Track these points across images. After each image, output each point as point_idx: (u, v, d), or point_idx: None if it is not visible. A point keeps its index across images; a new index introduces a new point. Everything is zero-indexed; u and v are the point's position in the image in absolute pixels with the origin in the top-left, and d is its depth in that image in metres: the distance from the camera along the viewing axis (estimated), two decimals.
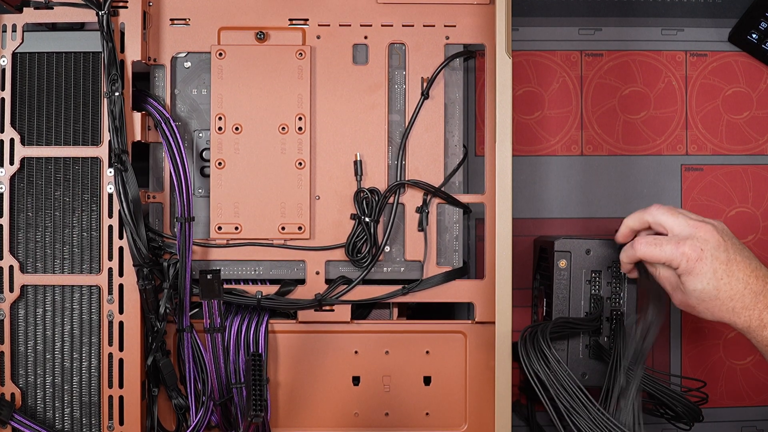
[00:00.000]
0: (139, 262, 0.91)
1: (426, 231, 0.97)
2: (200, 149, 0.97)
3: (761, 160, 1.10)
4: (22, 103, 0.93)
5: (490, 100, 0.96)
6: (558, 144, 1.10)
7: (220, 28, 0.96)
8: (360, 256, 0.96)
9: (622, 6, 1.10)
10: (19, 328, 0.93)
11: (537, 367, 0.88)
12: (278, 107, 0.96)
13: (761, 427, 1.09)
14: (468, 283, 0.97)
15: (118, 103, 0.91)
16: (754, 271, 0.86)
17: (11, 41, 0.93)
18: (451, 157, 0.98)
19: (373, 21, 0.97)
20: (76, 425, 0.93)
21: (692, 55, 1.10)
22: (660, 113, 1.10)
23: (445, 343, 0.97)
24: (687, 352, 1.09)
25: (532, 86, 1.10)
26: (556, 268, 0.97)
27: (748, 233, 1.10)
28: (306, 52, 0.96)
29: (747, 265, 0.86)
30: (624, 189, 1.09)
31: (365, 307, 0.99)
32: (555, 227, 1.09)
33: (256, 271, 0.97)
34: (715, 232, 0.87)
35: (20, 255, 0.93)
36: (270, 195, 0.96)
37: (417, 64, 0.97)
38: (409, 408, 0.98)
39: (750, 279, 0.86)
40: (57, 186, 0.93)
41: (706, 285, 0.86)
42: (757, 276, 0.86)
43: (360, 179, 0.96)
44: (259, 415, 0.86)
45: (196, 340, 0.94)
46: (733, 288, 0.86)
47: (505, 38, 0.91)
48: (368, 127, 0.97)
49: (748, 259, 0.87)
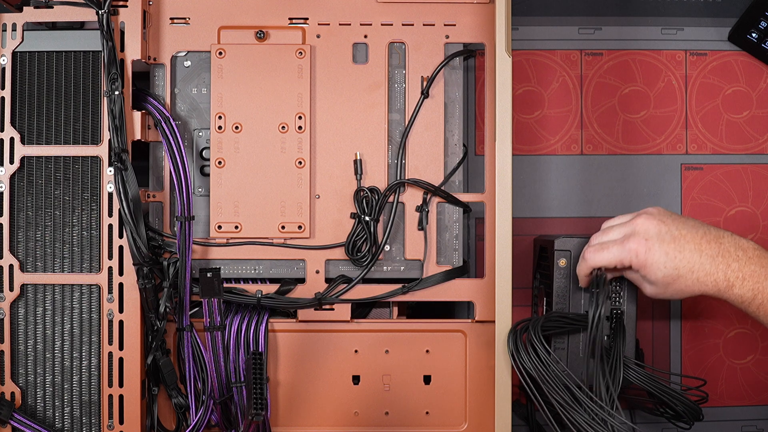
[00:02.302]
0: (139, 261, 0.91)
1: (426, 230, 0.97)
2: (200, 148, 0.97)
3: (761, 160, 1.10)
4: (22, 102, 0.93)
5: (490, 100, 0.96)
6: (558, 143, 1.10)
7: (220, 27, 0.96)
8: (360, 255, 0.96)
9: (622, 5, 1.10)
10: (19, 327, 0.93)
11: (525, 360, 0.87)
12: (278, 106, 0.96)
13: (761, 426, 1.09)
14: (468, 282, 0.97)
15: (118, 102, 0.91)
16: (704, 236, 0.87)
17: (11, 40, 0.93)
18: (451, 156, 0.98)
19: (373, 20, 0.97)
20: (76, 424, 0.93)
21: (692, 54, 1.10)
22: (660, 112, 1.10)
23: (445, 342, 0.97)
24: (687, 351, 1.09)
25: (532, 85, 1.10)
26: (556, 267, 0.97)
27: (748, 232, 1.10)
28: (306, 51, 0.96)
29: (695, 234, 0.87)
30: (624, 188, 1.09)
31: (365, 306, 0.99)
32: (555, 226, 1.09)
33: (256, 270, 0.97)
34: (651, 219, 0.88)
35: (20, 254, 0.93)
36: (270, 194, 0.96)
37: (417, 63, 0.97)
38: (409, 407, 0.98)
39: (702, 245, 0.86)
40: (57, 185, 0.93)
41: (665, 269, 0.86)
42: (708, 240, 0.86)
43: (360, 178, 0.96)
44: (259, 413, 0.86)
45: (196, 339, 0.94)
46: (690, 260, 0.86)
47: (505, 37, 0.91)
48: (368, 126, 0.97)
49: (694, 228, 0.87)
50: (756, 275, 0.85)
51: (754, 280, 0.85)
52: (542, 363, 0.87)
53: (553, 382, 0.86)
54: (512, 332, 0.91)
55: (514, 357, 0.89)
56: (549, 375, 0.87)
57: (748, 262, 0.85)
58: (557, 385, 0.86)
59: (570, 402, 0.86)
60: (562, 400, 0.86)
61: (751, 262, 0.85)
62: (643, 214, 0.89)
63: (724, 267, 0.86)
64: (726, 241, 0.86)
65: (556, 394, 0.86)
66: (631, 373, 0.91)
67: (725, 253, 0.86)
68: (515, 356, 0.89)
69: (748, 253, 0.86)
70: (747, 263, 0.85)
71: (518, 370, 0.89)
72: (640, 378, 0.91)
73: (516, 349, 0.89)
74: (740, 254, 0.86)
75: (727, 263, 0.85)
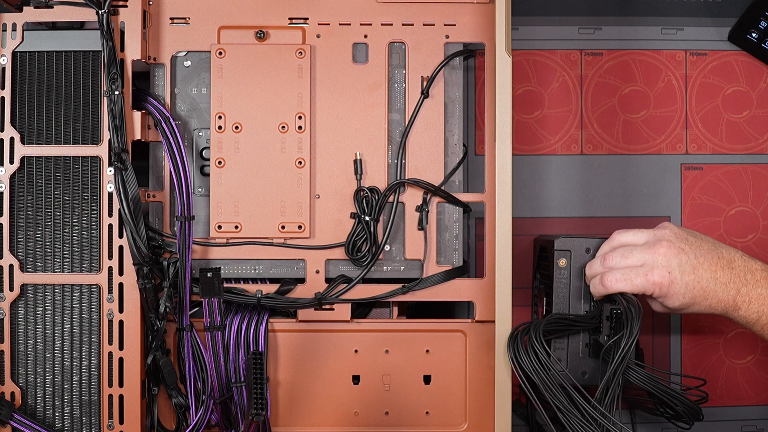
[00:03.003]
0: (139, 260, 0.91)
1: (426, 230, 0.97)
2: (200, 148, 0.97)
3: (761, 159, 1.10)
4: (22, 102, 0.93)
5: (490, 99, 0.96)
6: (558, 143, 1.10)
7: (220, 27, 0.96)
8: (360, 255, 0.96)
9: (622, 5, 1.10)
10: (19, 327, 0.93)
11: (525, 364, 0.88)
12: (278, 106, 0.96)
13: (761, 426, 1.09)
14: (468, 282, 0.97)
15: (118, 102, 0.91)
16: (719, 262, 0.89)
17: (11, 40, 0.93)
18: (451, 156, 0.98)
19: (373, 20, 0.97)
20: (76, 424, 0.93)
21: (692, 54, 1.10)
22: (660, 112, 1.10)
23: (445, 342, 0.97)
24: (687, 351, 1.09)
25: (532, 85, 1.10)
26: (556, 267, 0.97)
27: (748, 232, 1.10)
28: (306, 51, 0.96)
29: (711, 261, 0.89)
30: (624, 188, 1.09)
31: (365, 306, 0.99)
32: (555, 226, 1.09)
33: (256, 270, 0.97)
34: (672, 248, 0.89)
35: (20, 254, 0.93)
36: (270, 194, 0.96)
37: (417, 63, 0.97)
38: (409, 407, 0.98)
39: (717, 272, 0.89)
40: (57, 185, 0.93)
41: (683, 299, 0.89)
42: (722, 266, 0.89)
43: (360, 178, 0.96)
44: (260, 414, 0.86)
45: (196, 339, 0.94)
46: (706, 289, 0.89)
47: (505, 37, 0.91)
48: (368, 126, 0.97)
49: (709, 253, 0.89)
50: (762, 298, 0.88)
51: (760, 302, 0.88)
52: (543, 367, 0.87)
53: (553, 386, 0.87)
54: (512, 336, 0.91)
55: (514, 361, 0.89)
56: (549, 380, 0.87)
57: (756, 285, 0.88)
58: (557, 389, 0.86)
59: (570, 407, 0.86)
60: (562, 405, 0.86)
61: (758, 285, 0.88)
62: (665, 243, 0.89)
63: (734, 292, 0.88)
64: (737, 265, 0.89)
65: (556, 398, 0.86)
66: (631, 373, 0.91)
67: (736, 278, 0.89)
68: (515, 360, 0.89)
69: (756, 276, 0.89)
70: (755, 286, 0.88)
71: (518, 374, 0.89)
72: (640, 378, 0.91)
73: (516, 353, 0.89)
74: (749, 277, 0.89)
75: (737, 288, 0.88)
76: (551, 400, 0.87)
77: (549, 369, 0.87)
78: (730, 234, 1.09)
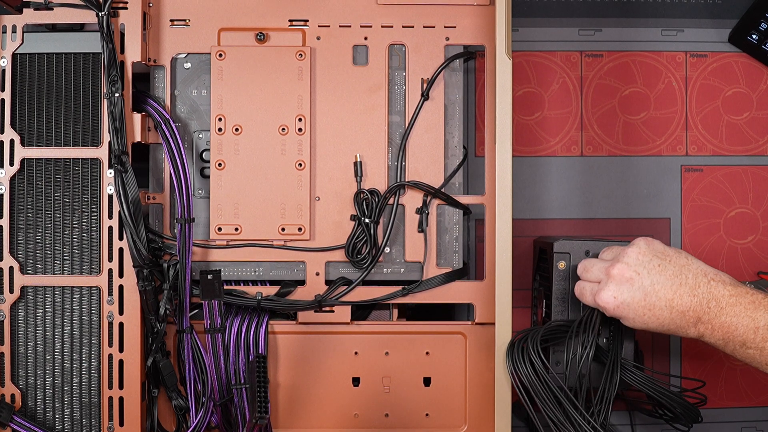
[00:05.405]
0: (139, 263, 0.91)
1: (426, 232, 0.97)
2: (200, 150, 0.97)
3: (761, 161, 1.10)
4: (22, 104, 0.93)
5: (490, 101, 0.96)
6: (558, 145, 1.10)
7: (220, 29, 0.96)
8: (360, 257, 0.96)
9: (622, 6, 1.10)
10: (19, 329, 0.93)
11: (523, 375, 0.88)
12: (278, 108, 0.96)
13: (761, 427, 1.09)
14: (468, 284, 0.97)
15: (118, 104, 0.91)
16: (678, 289, 0.84)
17: (11, 42, 0.93)
18: (451, 158, 0.98)
19: (373, 22, 0.97)
20: (76, 426, 0.93)
21: (692, 55, 1.10)
22: (660, 114, 1.10)
23: (445, 344, 0.98)
24: (687, 352, 1.09)
25: (532, 87, 1.10)
26: (556, 269, 0.97)
27: (748, 234, 1.10)
28: (306, 53, 0.96)
29: (669, 288, 0.85)
30: (624, 190, 1.09)
31: (365, 308, 0.99)
32: (555, 228, 1.09)
33: (256, 272, 0.97)
34: (625, 270, 0.85)
35: (20, 256, 0.93)
36: (270, 196, 0.96)
37: (417, 65, 0.97)
38: (409, 409, 0.98)
39: (674, 300, 0.84)
40: (57, 187, 0.93)
41: (635, 323, 0.86)
42: (681, 294, 0.84)
43: (360, 180, 0.96)
44: (263, 416, 0.87)
45: (196, 341, 0.94)
46: (659, 317, 0.85)
47: (505, 39, 0.91)
48: (368, 128, 0.97)
49: (671, 278, 0.85)
50: (725, 326, 0.83)
51: (724, 330, 0.83)
52: (539, 379, 0.87)
53: (549, 400, 0.87)
54: (511, 345, 0.91)
55: (512, 373, 0.89)
56: (545, 393, 0.87)
57: (720, 313, 0.83)
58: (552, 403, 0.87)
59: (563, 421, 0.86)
60: (556, 418, 0.86)
61: (722, 313, 0.83)
62: (619, 265, 0.86)
63: (694, 320, 0.84)
64: (700, 292, 0.84)
65: (551, 411, 0.87)
66: (629, 375, 0.91)
67: (697, 306, 0.84)
68: (513, 372, 0.89)
69: (720, 303, 0.84)
70: (718, 315, 0.83)
71: (516, 385, 0.89)
72: (638, 380, 0.91)
73: (514, 364, 0.89)
74: (712, 305, 0.84)
75: (697, 316, 0.84)
76: (545, 413, 0.87)
77: (545, 382, 0.87)
78: (730, 235, 1.09)
